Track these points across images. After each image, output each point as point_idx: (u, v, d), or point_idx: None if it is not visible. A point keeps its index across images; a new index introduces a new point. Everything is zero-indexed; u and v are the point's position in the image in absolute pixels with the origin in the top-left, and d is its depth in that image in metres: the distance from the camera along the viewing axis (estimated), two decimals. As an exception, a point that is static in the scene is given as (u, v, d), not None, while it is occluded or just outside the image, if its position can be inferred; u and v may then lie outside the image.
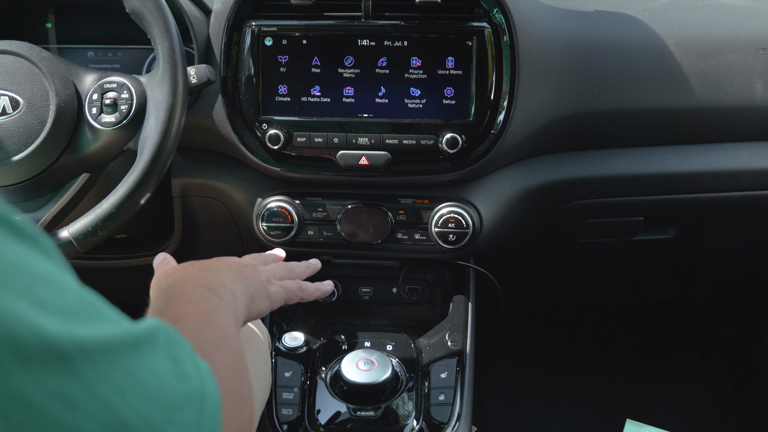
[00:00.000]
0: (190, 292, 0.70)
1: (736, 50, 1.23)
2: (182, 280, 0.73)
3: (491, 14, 1.13)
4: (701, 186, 1.28)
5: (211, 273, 0.76)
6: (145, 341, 0.46)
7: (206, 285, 0.72)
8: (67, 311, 0.40)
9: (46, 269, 0.41)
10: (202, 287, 0.71)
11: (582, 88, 1.19)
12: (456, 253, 1.22)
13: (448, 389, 1.09)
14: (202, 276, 0.74)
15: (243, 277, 0.81)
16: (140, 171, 0.96)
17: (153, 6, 0.99)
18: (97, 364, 0.40)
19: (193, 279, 0.73)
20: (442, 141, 1.14)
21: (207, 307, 0.69)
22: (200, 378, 0.50)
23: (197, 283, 0.72)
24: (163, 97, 0.98)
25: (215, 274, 0.76)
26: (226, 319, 0.70)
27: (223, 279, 0.76)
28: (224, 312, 0.71)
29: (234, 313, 0.73)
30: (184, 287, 0.71)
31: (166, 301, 0.69)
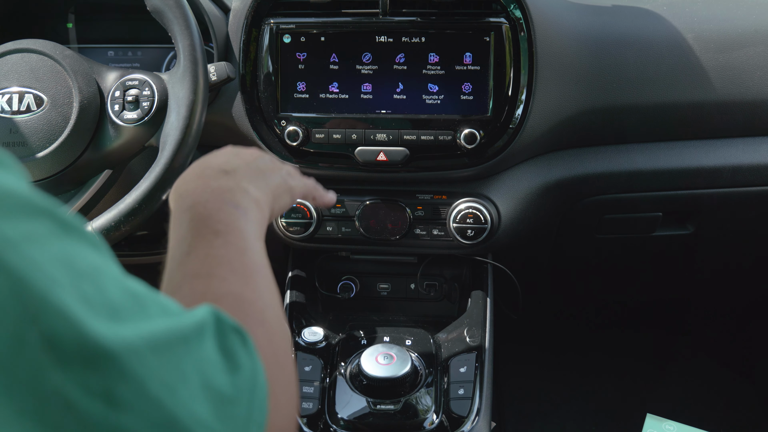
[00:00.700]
0: (215, 215, 0.65)
1: (756, 44, 1.23)
2: (204, 196, 0.67)
3: (508, 9, 1.13)
4: (721, 181, 1.27)
5: (231, 178, 0.71)
6: (194, 335, 0.44)
7: (231, 201, 0.67)
8: (112, 308, 0.40)
9: (91, 262, 0.41)
10: (227, 205, 0.66)
11: (600, 83, 1.19)
12: (474, 248, 1.22)
13: (468, 383, 1.09)
14: (224, 184, 0.69)
15: (262, 173, 0.76)
16: (162, 167, 0.98)
17: (174, 4, 1.00)
18: (145, 362, 0.39)
19: (216, 191, 0.68)
20: (460, 137, 1.14)
21: (237, 240, 0.64)
22: (252, 366, 0.48)
23: (221, 200, 0.67)
24: (184, 94, 0.99)
25: (236, 178, 0.71)
26: (255, 241, 0.66)
27: (245, 183, 0.71)
28: (252, 230, 0.67)
29: (260, 224, 0.70)
30: (208, 206, 0.66)
31: (190, 227, 0.64)
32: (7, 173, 0.39)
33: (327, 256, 1.34)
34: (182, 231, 0.64)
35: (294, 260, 1.33)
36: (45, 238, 0.38)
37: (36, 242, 0.37)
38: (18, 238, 0.36)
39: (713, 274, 1.60)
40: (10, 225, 0.36)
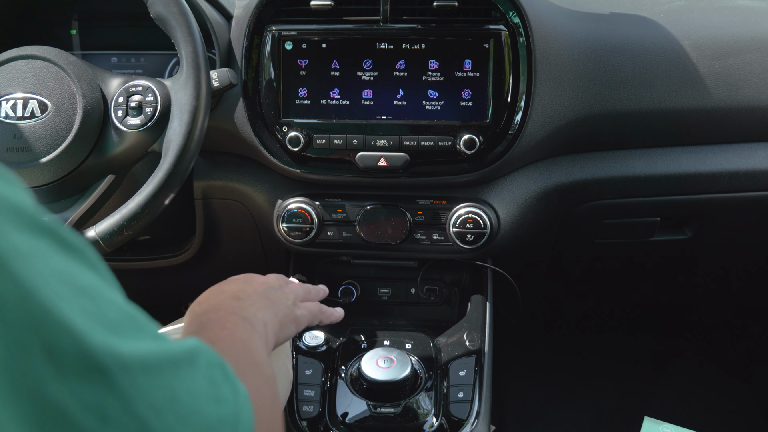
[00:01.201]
0: (224, 319, 0.72)
1: (752, 51, 1.24)
2: (216, 308, 0.75)
3: (507, 17, 1.14)
4: (718, 186, 1.28)
5: (243, 302, 0.78)
6: (185, 361, 0.46)
7: (240, 314, 0.74)
8: (109, 323, 0.41)
9: (91, 281, 0.42)
10: (235, 315, 0.73)
11: (598, 90, 1.20)
12: (474, 253, 1.23)
13: (467, 387, 1.10)
14: (236, 305, 0.76)
15: (272, 303, 0.83)
16: (165, 172, 0.99)
17: (177, 11, 1.01)
18: (135, 380, 0.40)
19: (227, 307, 0.75)
20: (459, 142, 1.15)
21: (241, 335, 0.70)
22: (237, 402, 0.50)
23: (231, 311, 0.74)
24: (187, 100, 1.00)
25: (247, 303, 0.78)
26: (259, 347, 0.72)
27: (254, 309, 0.78)
28: (257, 340, 0.73)
29: (265, 341, 0.75)
30: (219, 314, 0.73)
31: (200, 326, 0.70)
32: (13, 188, 0.40)
33: (328, 261, 1.35)
34: (192, 329, 0.70)
35: (295, 265, 1.34)
36: (49, 254, 0.39)
37: (41, 256, 0.38)
38: (26, 250, 0.37)
39: (712, 278, 1.62)
40: (19, 237, 0.37)
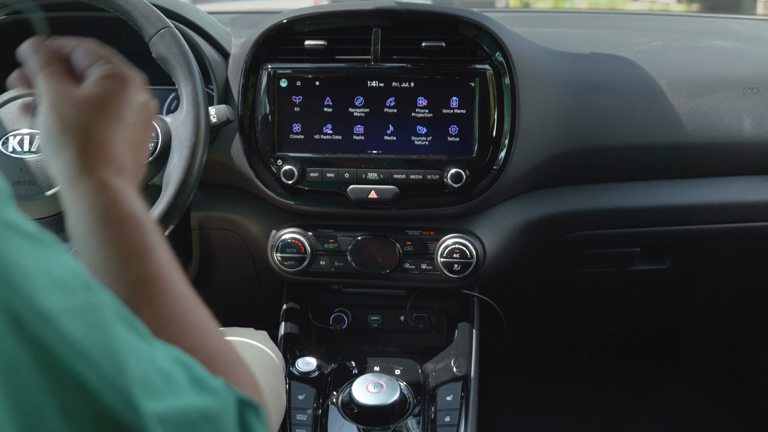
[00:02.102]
0: (139, 241, 0.57)
1: (725, 89, 1.30)
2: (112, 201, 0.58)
3: (492, 57, 1.20)
4: (694, 218, 1.34)
5: (116, 159, 0.61)
6: (216, 415, 0.44)
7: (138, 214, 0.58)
8: (147, 385, 0.40)
9: (128, 339, 0.41)
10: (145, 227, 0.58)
11: (579, 126, 1.26)
12: (461, 282, 1.28)
13: (454, 411, 1.14)
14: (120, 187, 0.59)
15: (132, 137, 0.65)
16: (165, 204, 1.03)
17: (178, 52, 1.07)
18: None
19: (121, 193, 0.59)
20: (447, 176, 1.21)
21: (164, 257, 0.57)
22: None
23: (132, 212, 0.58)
24: (187, 136, 1.05)
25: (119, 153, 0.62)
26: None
27: (126, 159, 0.62)
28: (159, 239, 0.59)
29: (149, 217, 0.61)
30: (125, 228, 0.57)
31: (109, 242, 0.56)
32: (60, 254, 0.40)
33: (320, 289, 1.40)
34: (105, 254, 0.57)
35: (288, 293, 1.38)
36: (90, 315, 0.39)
37: (79, 318, 0.38)
38: (53, 312, 0.36)
39: (692, 306, 1.66)
40: (50, 299, 0.37)
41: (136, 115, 0.65)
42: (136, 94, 0.66)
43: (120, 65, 0.67)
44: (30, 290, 0.35)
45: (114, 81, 0.65)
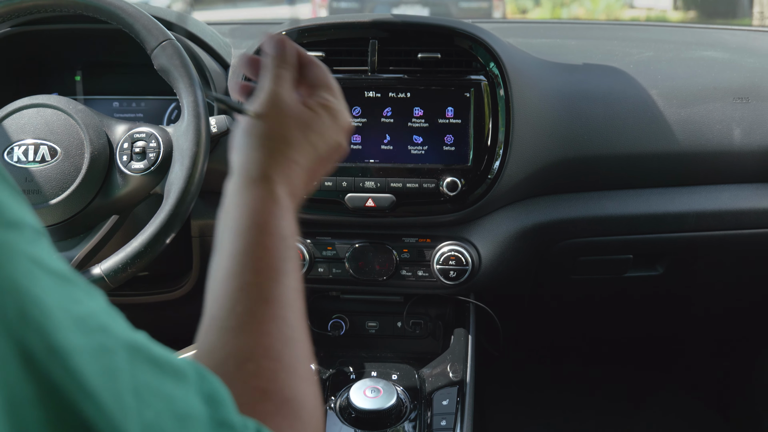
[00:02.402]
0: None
1: (715, 100, 1.33)
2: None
3: (487, 68, 1.23)
4: (686, 226, 1.36)
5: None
6: None
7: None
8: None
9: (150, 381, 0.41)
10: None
11: (572, 135, 1.29)
12: (456, 288, 1.30)
13: (449, 416, 1.16)
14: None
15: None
16: (167, 213, 1.05)
17: (179, 64, 1.09)
18: None
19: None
20: (442, 184, 1.23)
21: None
22: None
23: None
24: (188, 146, 1.07)
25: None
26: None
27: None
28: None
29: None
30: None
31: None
32: (96, 300, 0.40)
33: (318, 296, 1.41)
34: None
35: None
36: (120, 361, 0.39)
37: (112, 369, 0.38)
38: (77, 347, 0.37)
39: (685, 312, 1.69)
40: (72, 336, 0.37)
41: (328, 154, 0.69)
42: (341, 136, 0.70)
43: (344, 106, 0.71)
44: (46, 326, 0.35)
45: (331, 116, 0.69)
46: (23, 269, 0.36)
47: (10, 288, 0.35)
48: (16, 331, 0.34)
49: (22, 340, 0.35)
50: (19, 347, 0.34)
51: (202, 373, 0.45)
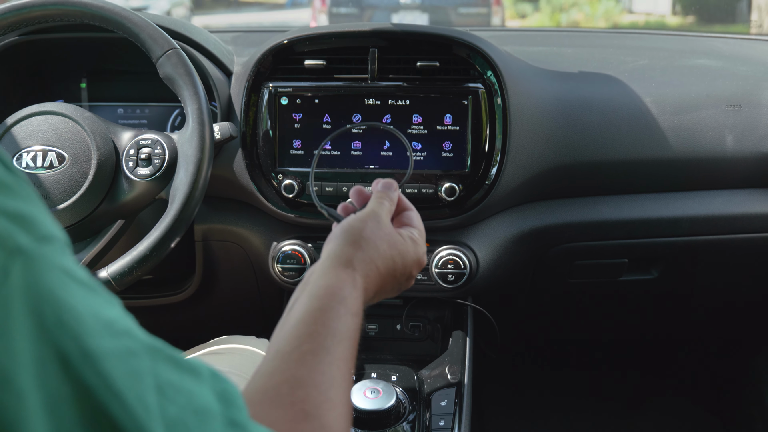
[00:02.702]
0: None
1: (708, 107, 1.36)
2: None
3: (485, 76, 1.26)
4: (680, 230, 1.39)
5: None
6: None
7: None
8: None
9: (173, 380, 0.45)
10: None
11: (568, 142, 1.32)
12: (455, 292, 1.33)
13: (448, 416, 1.18)
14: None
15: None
16: (172, 217, 1.08)
17: (184, 72, 1.12)
18: None
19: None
20: (441, 190, 1.26)
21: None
22: None
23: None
24: (192, 152, 1.10)
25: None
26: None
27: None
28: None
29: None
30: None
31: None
32: (116, 306, 0.43)
33: (319, 299, 1.44)
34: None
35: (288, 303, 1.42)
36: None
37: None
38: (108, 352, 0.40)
39: (680, 316, 1.71)
40: (103, 340, 0.40)
41: (401, 275, 0.81)
42: (414, 269, 0.84)
43: (424, 248, 0.87)
44: (80, 332, 0.38)
45: (414, 248, 0.83)
46: (57, 279, 0.38)
47: (48, 297, 0.37)
48: (55, 337, 0.37)
49: (59, 345, 0.37)
50: (57, 351, 0.37)
51: (214, 373, 0.48)
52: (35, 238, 0.38)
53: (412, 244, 0.83)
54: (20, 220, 0.38)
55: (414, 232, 0.85)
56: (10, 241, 0.37)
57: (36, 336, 0.37)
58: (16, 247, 0.37)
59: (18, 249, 0.37)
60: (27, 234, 0.38)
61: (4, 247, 0.36)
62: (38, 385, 0.36)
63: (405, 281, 0.84)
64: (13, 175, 0.40)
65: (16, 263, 0.36)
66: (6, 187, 0.39)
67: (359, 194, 0.89)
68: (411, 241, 0.83)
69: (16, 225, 0.37)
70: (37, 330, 0.37)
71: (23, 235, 0.37)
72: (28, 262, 0.37)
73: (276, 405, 0.57)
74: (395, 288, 0.83)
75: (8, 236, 0.37)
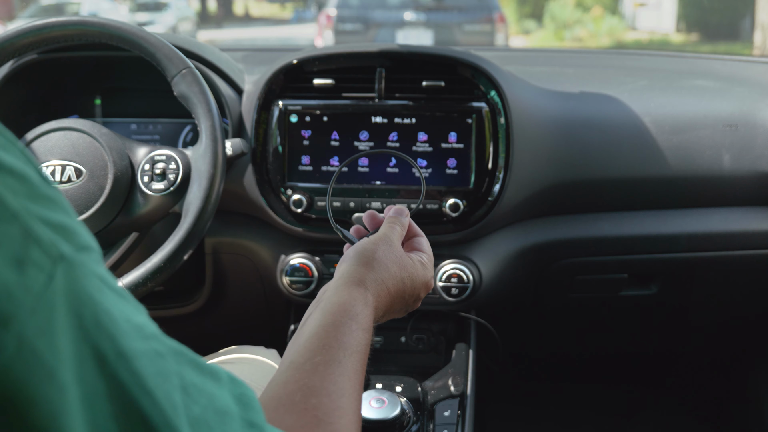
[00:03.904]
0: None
1: (706, 127, 1.40)
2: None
3: (488, 96, 1.30)
4: (678, 247, 1.42)
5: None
6: None
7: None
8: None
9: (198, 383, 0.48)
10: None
11: (568, 160, 1.35)
12: (458, 305, 1.36)
13: (451, 426, 1.21)
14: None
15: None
16: (185, 231, 1.12)
17: (198, 91, 1.16)
18: None
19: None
20: (445, 206, 1.30)
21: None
22: None
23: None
24: (206, 168, 1.14)
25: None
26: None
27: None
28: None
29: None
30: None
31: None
32: (143, 313, 0.46)
33: (325, 311, 1.47)
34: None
35: (296, 314, 1.46)
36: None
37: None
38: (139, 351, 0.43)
39: (679, 331, 1.74)
40: (135, 344, 0.43)
41: (409, 296, 0.85)
42: (422, 291, 0.88)
43: (432, 272, 0.90)
44: (115, 333, 0.41)
45: (423, 272, 0.86)
46: (95, 285, 0.42)
47: (87, 300, 0.41)
48: (93, 337, 0.41)
49: (96, 344, 0.41)
50: (94, 350, 0.41)
51: (232, 378, 0.52)
52: (76, 248, 0.41)
53: (422, 267, 0.87)
54: (63, 231, 0.41)
55: (423, 257, 0.89)
56: (54, 249, 0.40)
57: (76, 335, 0.40)
58: (60, 254, 0.40)
59: (61, 256, 0.40)
60: (69, 243, 0.41)
61: (50, 254, 0.39)
62: (77, 380, 0.40)
63: (413, 302, 0.88)
64: (54, 189, 0.44)
65: (60, 269, 0.40)
66: (50, 200, 0.42)
67: (372, 218, 0.94)
68: (420, 264, 0.87)
69: (59, 235, 0.41)
70: (78, 330, 0.40)
71: (65, 244, 0.41)
72: (70, 268, 0.40)
73: (290, 411, 0.61)
74: (403, 308, 0.87)
75: (53, 244, 0.40)
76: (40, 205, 0.41)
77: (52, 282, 0.39)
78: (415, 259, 0.87)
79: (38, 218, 0.40)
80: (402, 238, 0.89)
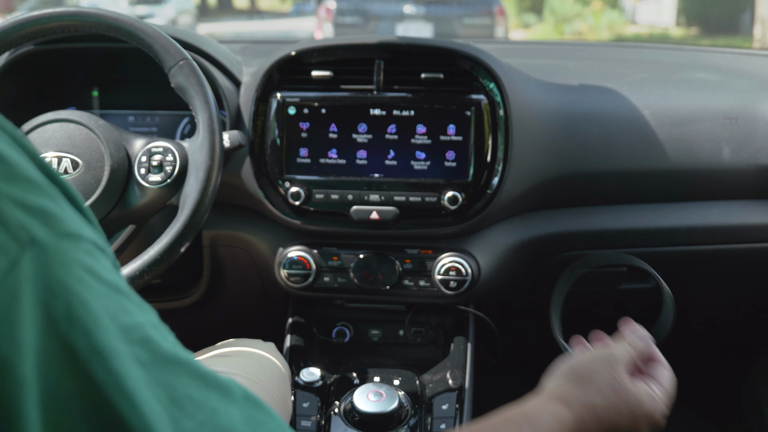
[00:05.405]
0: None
1: (706, 119, 1.39)
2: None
3: (487, 88, 1.29)
4: (678, 240, 1.42)
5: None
6: None
7: None
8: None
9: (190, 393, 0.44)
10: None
11: (568, 153, 1.35)
12: (457, 298, 1.36)
13: (449, 419, 1.21)
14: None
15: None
16: (182, 223, 1.11)
17: (195, 82, 1.15)
18: None
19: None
20: (444, 198, 1.29)
21: None
22: None
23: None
24: (203, 160, 1.13)
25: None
26: None
27: None
28: None
29: None
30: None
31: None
32: (146, 314, 0.44)
33: (324, 304, 1.47)
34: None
35: (293, 307, 1.45)
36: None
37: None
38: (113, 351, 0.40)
39: (679, 324, 1.73)
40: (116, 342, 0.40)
41: (628, 426, 0.75)
42: (642, 426, 0.76)
43: (661, 409, 0.78)
44: (92, 328, 0.38)
45: (649, 407, 0.76)
46: (75, 275, 0.39)
47: (60, 290, 0.38)
48: (62, 330, 0.38)
49: (67, 339, 0.38)
50: (63, 345, 0.38)
51: (248, 396, 0.48)
52: (55, 234, 0.39)
53: (649, 399, 0.76)
54: (40, 215, 0.38)
55: (655, 388, 0.79)
56: (23, 233, 0.37)
57: (43, 327, 0.37)
58: (30, 238, 0.37)
59: (32, 241, 0.37)
60: (46, 228, 0.38)
61: (17, 238, 0.37)
62: (39, 376, 0.37)
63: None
64: (40, 173, 0.41)
65: (29, 254, 0.37)
66: (30, 182, 0.39)
67: (600, 337, 0.88)
68: (648, 396, 0.76)
69: (34, 218, 0.38)
70: (44, 321, 0.37)
71: (41, 228, 0.38)
72: (42, 254, 0.38)
73: None
74: None
75: (22, 228, 0.37)
76: (16, 186, 0.38)
77: (16, 268, 0.36)
78: (642, 389, 0.76)
79: (10, 199, 0.37)
80: (632, 362, 0.79)
